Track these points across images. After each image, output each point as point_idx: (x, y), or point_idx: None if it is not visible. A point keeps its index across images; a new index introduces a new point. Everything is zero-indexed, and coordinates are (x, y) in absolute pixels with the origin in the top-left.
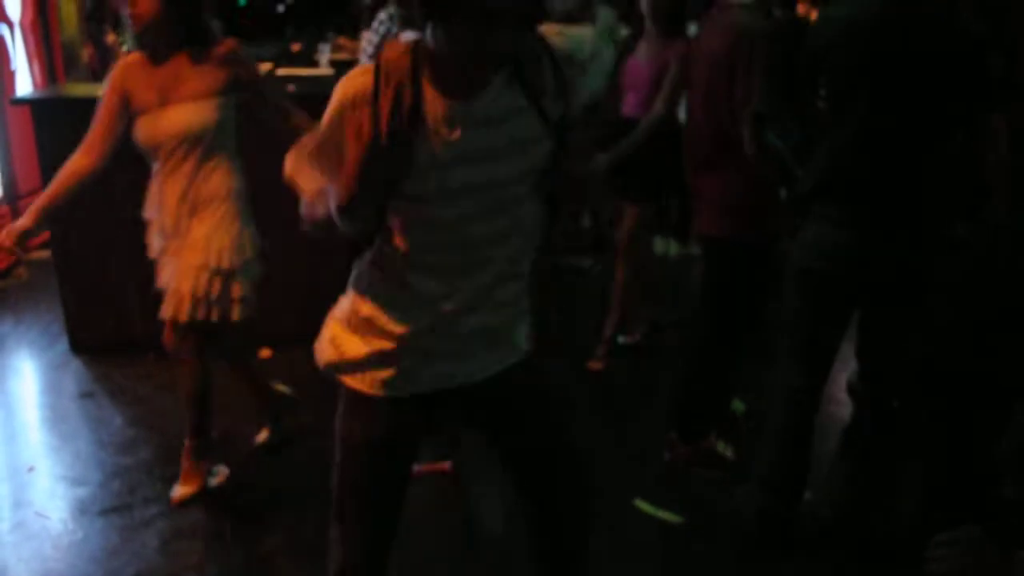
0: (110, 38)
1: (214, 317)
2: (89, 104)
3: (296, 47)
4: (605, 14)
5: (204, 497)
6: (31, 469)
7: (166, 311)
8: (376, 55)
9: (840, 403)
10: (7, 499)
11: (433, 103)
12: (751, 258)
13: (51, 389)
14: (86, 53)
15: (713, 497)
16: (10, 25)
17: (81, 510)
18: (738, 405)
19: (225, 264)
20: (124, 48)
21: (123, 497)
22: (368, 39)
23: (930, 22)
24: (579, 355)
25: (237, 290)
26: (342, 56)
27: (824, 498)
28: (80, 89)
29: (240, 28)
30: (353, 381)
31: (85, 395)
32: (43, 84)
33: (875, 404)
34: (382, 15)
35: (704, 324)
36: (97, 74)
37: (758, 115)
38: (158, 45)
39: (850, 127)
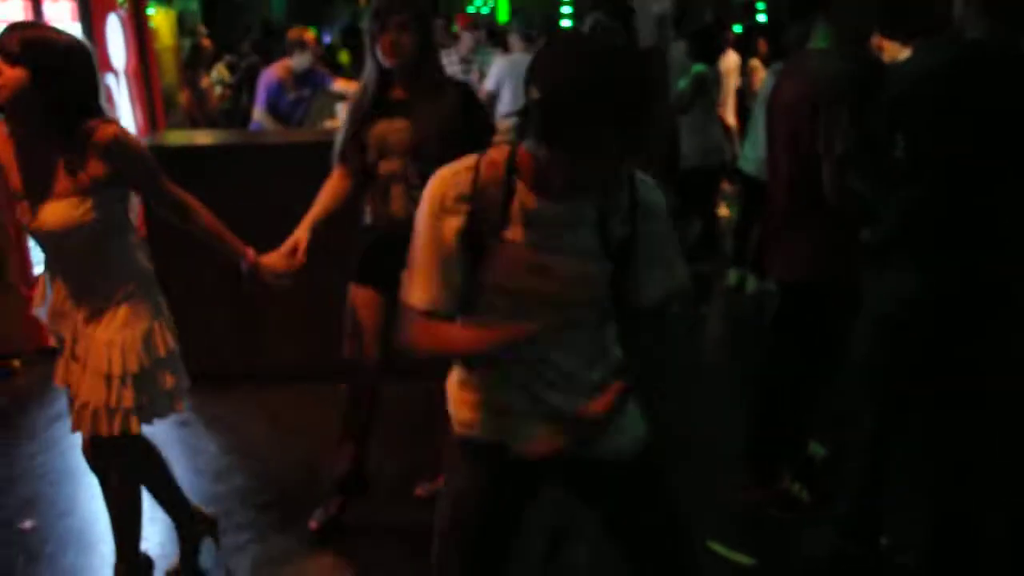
0: (204, 82)
1: (133, 428)
2: (189, 152)
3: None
4: (675, 47)
5: (296, 526)
6: None
7: (82, 427)
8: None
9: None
10: (108, 524)
11: (522, 198)
12: (832, 302)
13: None
14: (184, 96)
15: (786, 540)
16: (115, 74)
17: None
18: (817, 448)
19: (134, 368)
20: (217, 90)
21: (217, 523)
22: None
23: (1001, 70)
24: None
25: (148, 395)
26: None
27: (904, 543)
28: (179, 137)
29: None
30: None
31: (182, 424)
32: (145, 128)
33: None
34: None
35: (781, 365)
36: (194, 117)
37: (840, 160)
38: (24, 124)
39: (926, 177)
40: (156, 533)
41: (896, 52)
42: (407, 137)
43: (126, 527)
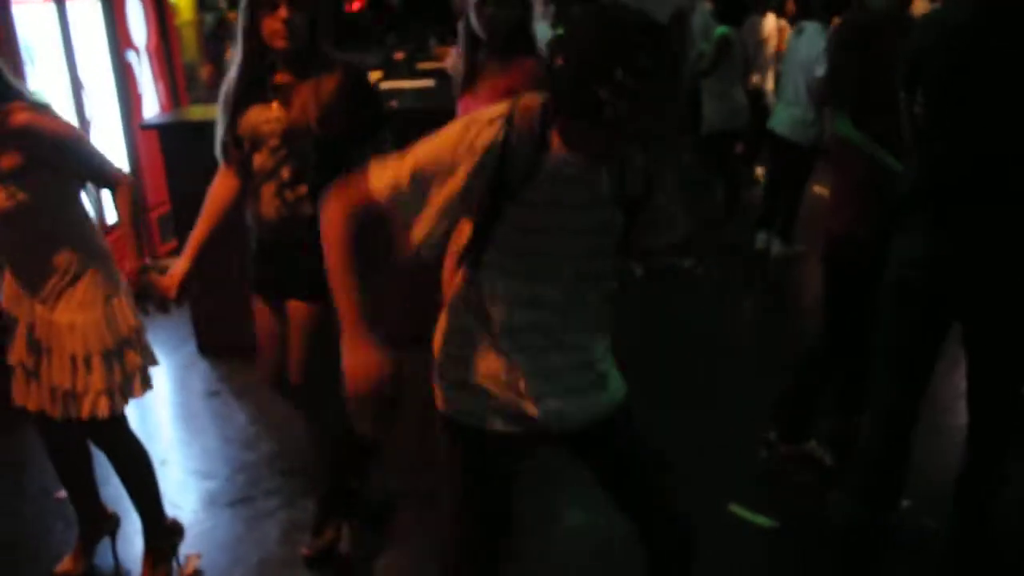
0: (228, 54)
1: (101, 410)
2: (211, 126)
3: (399, 55)
4: (702, 10)
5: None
6: (164, 463)
7: (54, 411)
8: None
9: (954, 411)
10: None
11: (557, 153)
12: (862, 255)
13: (181, 388)
14: (205, 71)
15: (809, 503)
16: (136, 51)
17: (210, 501)
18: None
19: (98, 349)
20: None
21: (247, 490)
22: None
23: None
24: (683, 354)
25: (111, 379)
26: (436, 65)
27: (928, 506)
28: (200, 112)
29: (346, 37)
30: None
31: (212, 394)
32: (168, 104)
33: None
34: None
35: (823, 331)
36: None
37: (838, 107)
38: None
39: (947, 132)
40: (190, 501)
41: (926, 7)
42: (280, 128)
43: (143, 495)
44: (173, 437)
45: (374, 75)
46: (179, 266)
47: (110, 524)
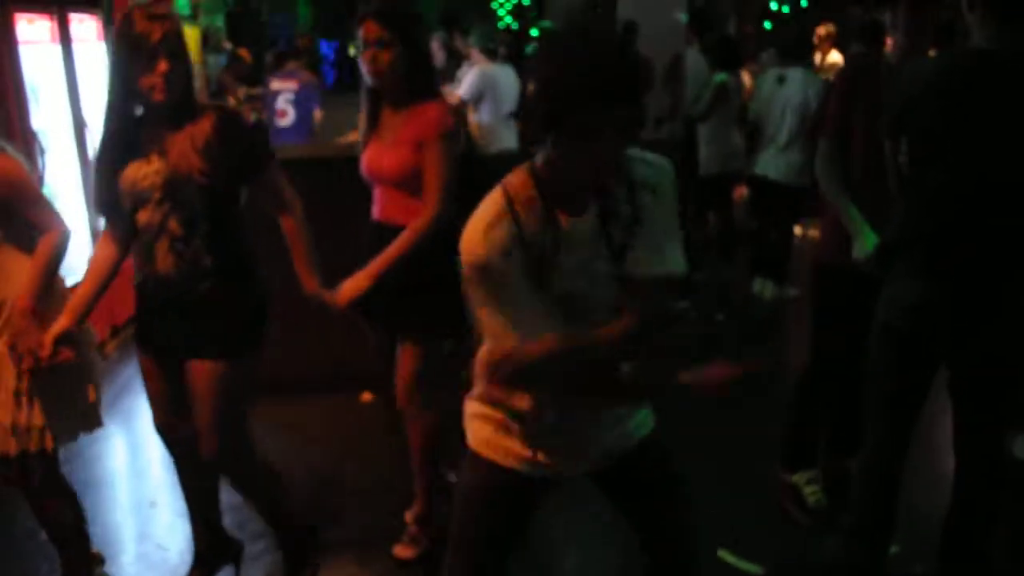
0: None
1: (48, 445)
2: None
3: None
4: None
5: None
6: (153, 504)
7: None
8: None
9: (943, 452)
10: (131, 532)
11: (557, 218)
12: (837, 281)
13: None
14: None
15: (798, 547)
16: None
17: None
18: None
19: (28, 383)
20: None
21: (234, 532)
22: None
23: (1005, 74)
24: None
25: (54, 414)
26: None
27: (917, 552)
28: None
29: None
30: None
31: None
32: None
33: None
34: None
35: (818, 354)
36: None
37: (821, 144)
38: None
39: (932, 180)
40: (177, 542)
41: None
42: (160, 180)
43: (71, 541)
44: (162, 478)
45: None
46: (59, 323)
47: (95, 564)
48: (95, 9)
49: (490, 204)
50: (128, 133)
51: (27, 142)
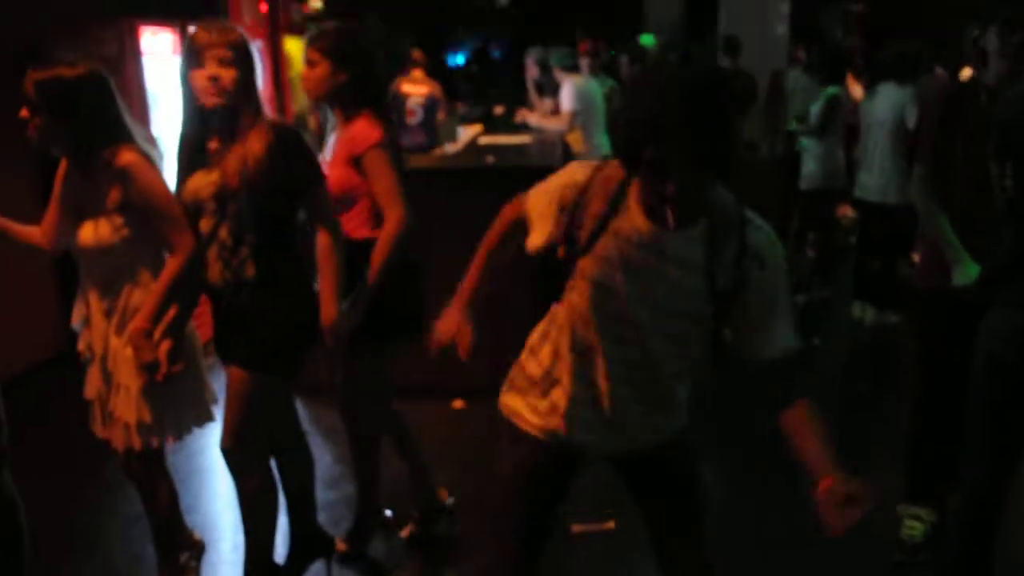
0: None
1: (168, 441)
2: None
3: (499, 110)
4: (793, 71)
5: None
6: None
7: (117, 442)
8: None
9: None
10: (231, 521)
11: (632, 216)
12: (936, 306)
13: None
14: (313, 120)
15: None
16: None
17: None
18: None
19: (155, 383)
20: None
21: (328, 528)
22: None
23: None
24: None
25: (170, 409)
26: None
27: None
28: None
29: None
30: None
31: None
32: None
33: None
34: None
35: (923, 381)
36: (321, 138)
37: (919, 172)
38: (62, 155)
39: None
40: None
41: None
42: (216, 190)
43: (166, 530)
44: None
45: (473, 129)
46: (166, 343)
47: (196, 550)
48: (214, 21)
49: (580, 167)
50: (196, 142)
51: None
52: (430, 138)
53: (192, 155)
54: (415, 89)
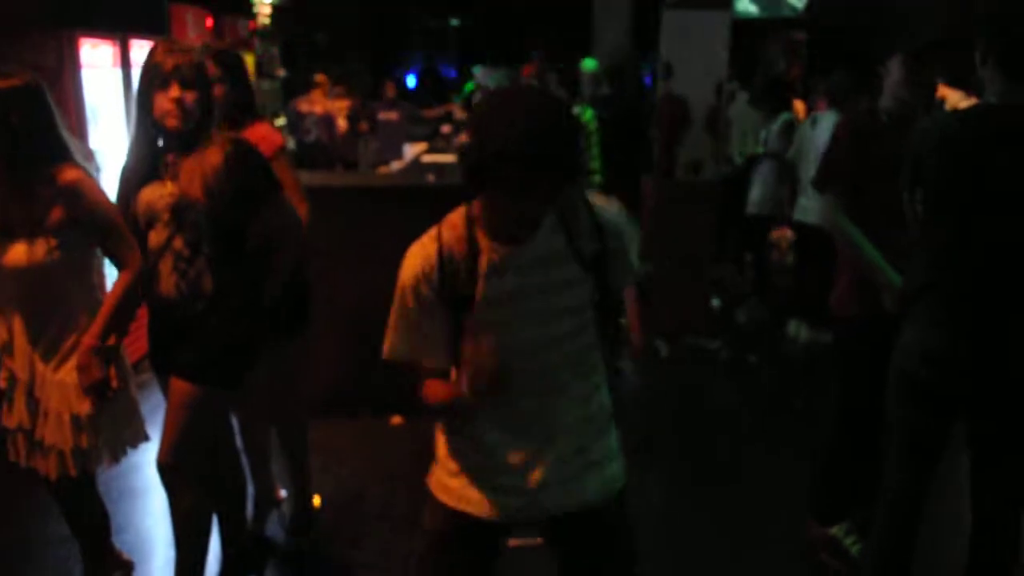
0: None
1: (104, 464)
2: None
3: (447, 128)
4: (739, 99)
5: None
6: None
7: (49, 470)
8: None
9: (961, 508)
10: (163, 538)
11: (489, 252)
12: (854, 333)
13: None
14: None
15: None
16: None
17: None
18: None
19: (91, 410)
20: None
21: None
22: None
23: (1014, 130)
24: (709, 434)
25: (106, 435)
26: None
27: None
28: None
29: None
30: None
31: None
32: None
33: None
34: None
35: (841, 402)
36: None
37: (827, 194)
38: None
39: (945, 234)
40: None
41: (957, 101)
42: (171, 201)
43: (95, 552)
44: None
45: (418, 147)
46: (84, 344)
47: (125, 570)
48: (157, 36)
49: (427, 234)
50: (150, 159)
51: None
52: (325, 154)
53: (144, 169)
54: (310, 108)
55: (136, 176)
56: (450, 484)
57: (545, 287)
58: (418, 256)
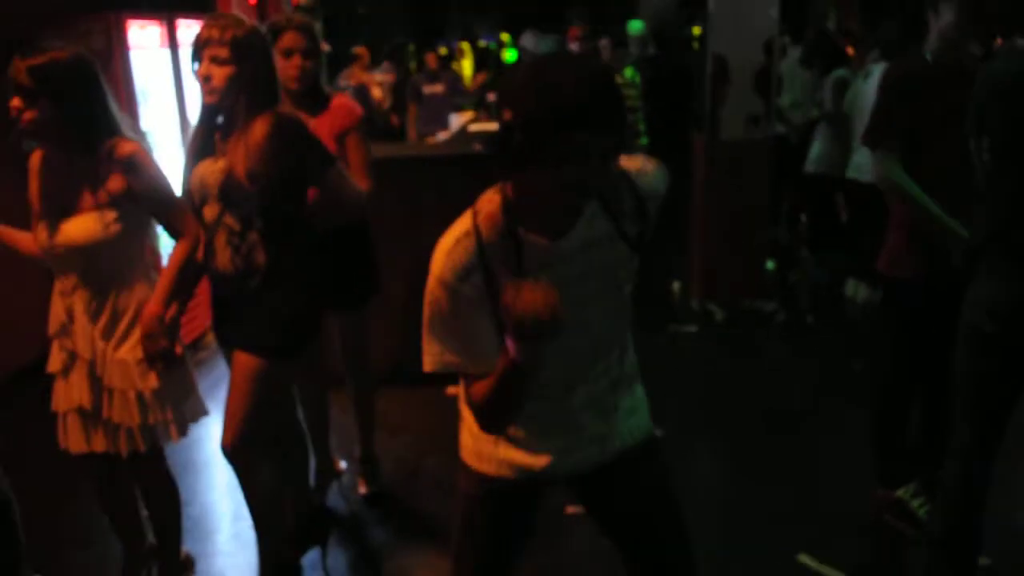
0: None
1: (160, 443)
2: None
3: (492, 96)
4: (791, 58)
5: (395, 520)
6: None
7: (119, 448)
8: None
9: None
10: (228, 512)
11: (530, 245)
12: (909, 294)
13: None
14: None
15: (885, 556)
16: None
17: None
18: None
19: (156, 385)
20: None
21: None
22: None
23: None
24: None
25: (177, 407)
26: None
27: (1009, 565)
28: None
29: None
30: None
31: None
32: None
33: None
34: None
35: (886, 365)
36: None
37: (877, 151)
38: (49, 147)
39: (1011, 184)
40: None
41: None
42: (220, 178)
43: (168, 529)
44: None
45: (464, 116)
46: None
47: (188, 563)
48: (203, 15)
49: (458, 224)
50: (206, 134)
51: None
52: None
53: (202, 145)
54: (346, 81)
55: (193, 151)
56: (482, 450)
57: (590, 272)
58: (454, 253)
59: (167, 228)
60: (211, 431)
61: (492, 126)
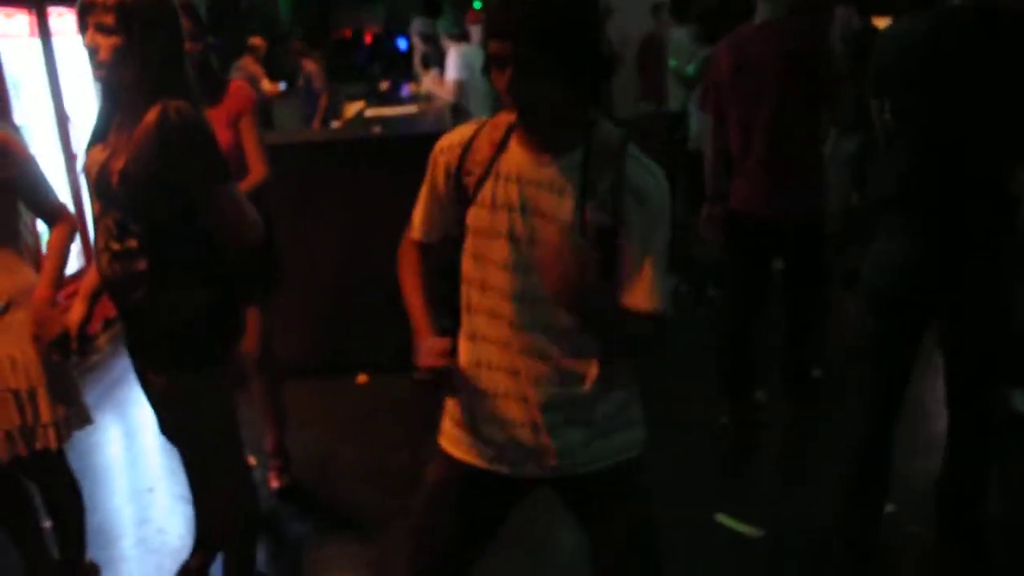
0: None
1: (39, 447)
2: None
3: (384, 85)
4: (678, 33)
5: (310, 516)
6: (151, 490)
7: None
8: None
9: (936, 417)
10: (131, 517)
11: (513, 154)
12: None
13: None
14: None
15: (793, 510)
16: None
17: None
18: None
19: (35, 382)
20: None
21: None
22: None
23: (980, 30)
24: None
25: (57, 411)
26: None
27: (912, 512)
28: None
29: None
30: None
31: None
32: None
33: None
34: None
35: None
36: None
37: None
38: None
39: (911, 141)
40: (177, 525)
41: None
42: (96, 172)
43: (70, 531)
44: (160, 465)
45: (356, 104)
46: (76, 311)
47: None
48: (75, 3)
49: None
50: (107, 115)
51: None
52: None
53: (100, 127)
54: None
55: (91, 135)
56: (454, 433)
57: (542, 212)
58: (453, 133)
59: (40, 215)
60: (110, 436)
61: (389, 111)
